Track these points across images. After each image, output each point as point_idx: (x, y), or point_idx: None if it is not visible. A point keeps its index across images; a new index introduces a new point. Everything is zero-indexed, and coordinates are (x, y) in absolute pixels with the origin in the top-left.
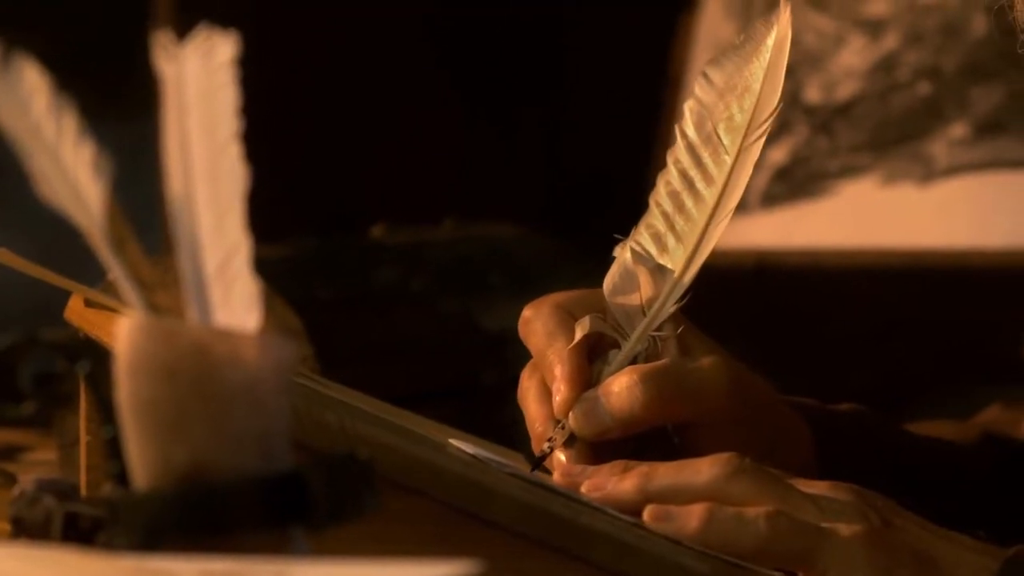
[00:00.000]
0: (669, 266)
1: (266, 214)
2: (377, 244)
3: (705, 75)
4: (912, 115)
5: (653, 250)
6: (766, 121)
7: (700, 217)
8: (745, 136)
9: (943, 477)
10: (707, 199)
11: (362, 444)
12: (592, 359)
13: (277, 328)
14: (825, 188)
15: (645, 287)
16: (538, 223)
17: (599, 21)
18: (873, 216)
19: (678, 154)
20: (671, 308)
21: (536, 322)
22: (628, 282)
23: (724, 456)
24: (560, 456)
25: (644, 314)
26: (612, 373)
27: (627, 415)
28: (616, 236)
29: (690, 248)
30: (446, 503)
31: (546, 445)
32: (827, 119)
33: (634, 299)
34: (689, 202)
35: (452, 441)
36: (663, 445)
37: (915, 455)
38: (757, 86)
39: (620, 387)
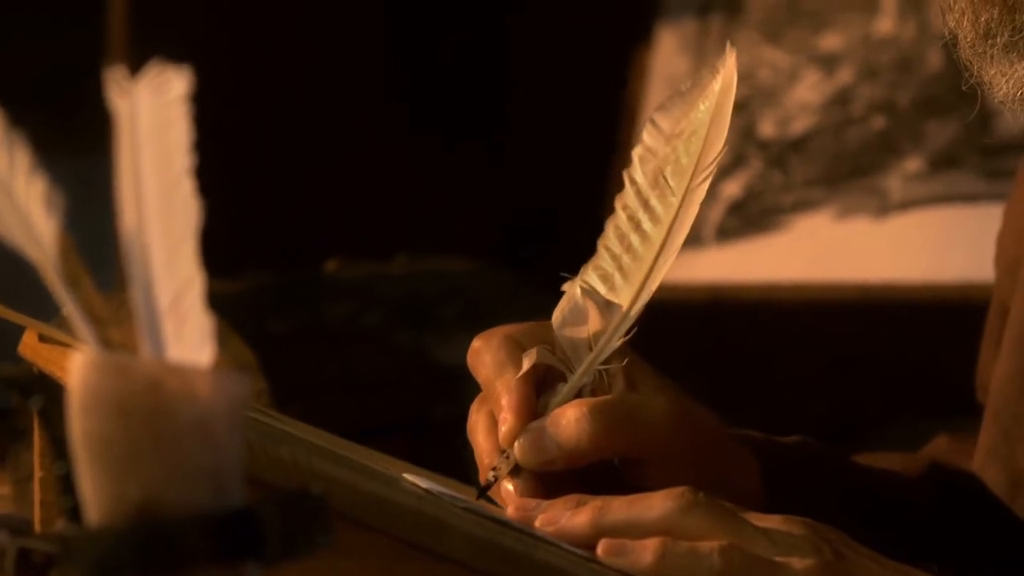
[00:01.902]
0: (616, 301)
1: (220, 249)
2: (330, 279)
3: (653, 121)
4: (866, 149)
5: (601, 288)
6: (712, 163)
7: (647, 255)
8: (692, 178)
9: (891, 508)
10: (654, 238)
11: (315, 479)
12: (540, 392)
13: (230, 363)
14: (779, 222)
15: (592, 321)
16: (491, 257)
17: (553, 57)
18: (827, 250)
19: (626, 199)
20: (618, 342)
21: (485, 354)
22: (576, 316)
23: (678, 490)
24: (507, 486)
25: (591, 348)
26: (558, 405)
27: (573, 446)
28: (564, 275)
29: (637, 285)
30: (399, 538)
31: (491, 474)
32: (781, 153)
33: (582, 332)
34: (636, 242)
35: (406, 475)
36: (609, 478)
37: (863, 487)
38: (703, 130)
39: (567, 418)
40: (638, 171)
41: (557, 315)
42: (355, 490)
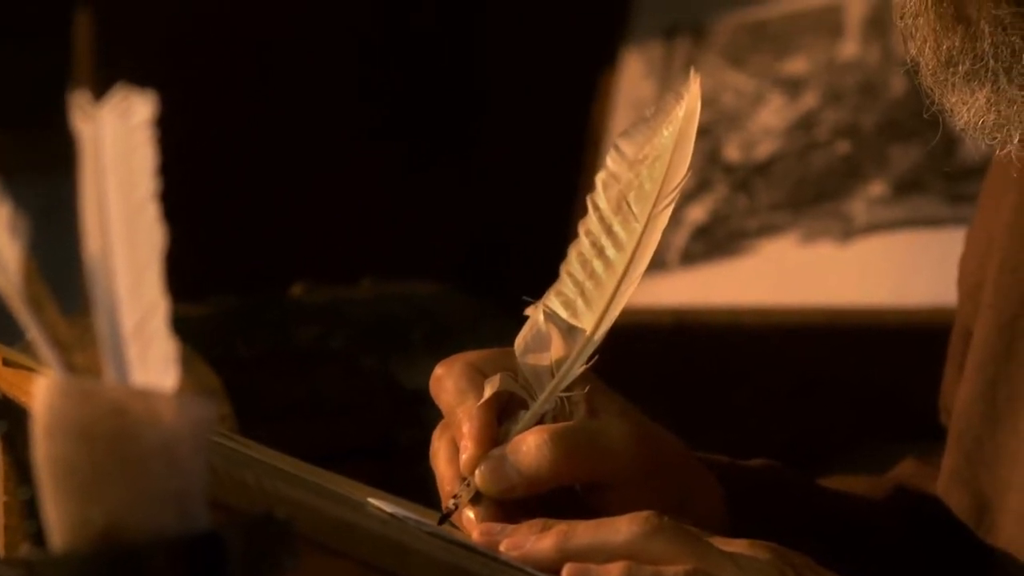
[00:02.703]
0: (580, 327)
1: (185, 273)
2: (296, 303)
3: (617, 147)
4: (831, 173)
5: (564, 313)
6: (675, 189)
7: (609, 282)
8: (655, 204)
9: (856, 533)
10: (616, 264)
11: (280, 503)
12: (502, 419)
13: (195, 387)
14: (744, 246)
15: (555, 348)
16: (457, 281)
17: (519, 80)
18: (792, 274)
19: (589, 225)
20: (580, 369)
21: (447, 380)
22: (538, 342)
23: (643, 514)
24: (469, 514)
25: (553, 374)
26: (520, 432)
27: (533, 473)
28: (526, 299)
29: (599, 311)
30: (365, 562)
31: (451, 501)
32: (746, 177)
33: (544, 359)
34: (599, 268)
35: (371, 500)
36: (571, 504)
37: (828, 510)
38: (667, 155)
39: (528, 445)
40: (601, 196)
41: (520, 341)
42: (320, 514)
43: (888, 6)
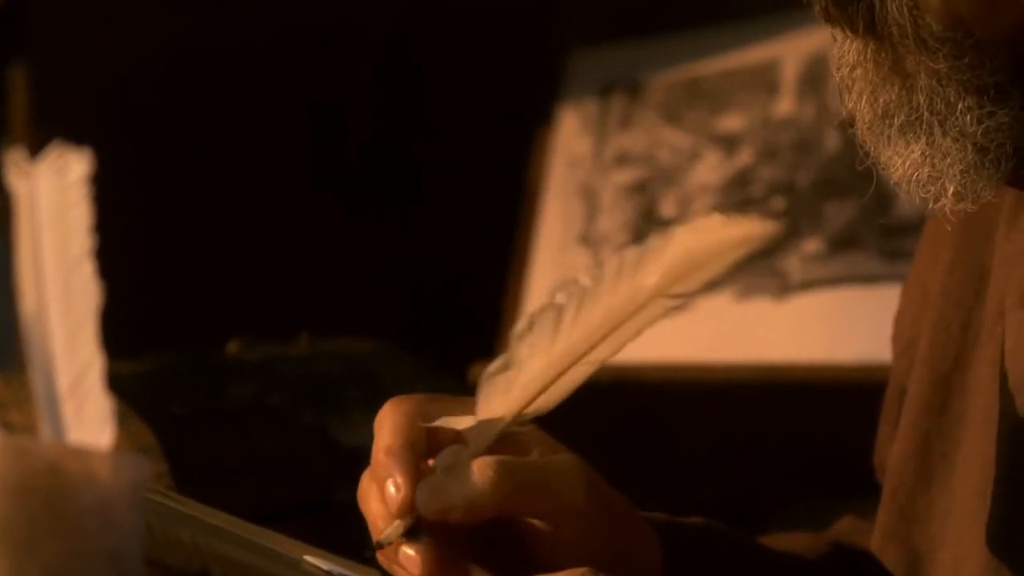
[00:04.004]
0: (524, 394)
1: (120, 330)
2: (233, 360)
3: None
4: None
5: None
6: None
7: (550, 371)
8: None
9: None
10: (569, 349)
11: (216, 561)
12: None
13: (131, 445)
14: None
15: (496, 406)
16: (395, 338)
17: (456, 137)
18: (728, 330)
19: (535, 316)
20: (520, 428)
21: (386, 420)
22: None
23: (579, 571)
24: (406, 550)
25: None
26: (451, 453)
27: (476, 496)
28: (473, 363)
29: (538, 390)
30: None
31: (383, 535)
32: None
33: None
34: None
35: (307, 558)
36: (509, 546)
37: (765, 568)
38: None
39: (474, 466)
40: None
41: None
42: (256, 572)
43: (822, 65)
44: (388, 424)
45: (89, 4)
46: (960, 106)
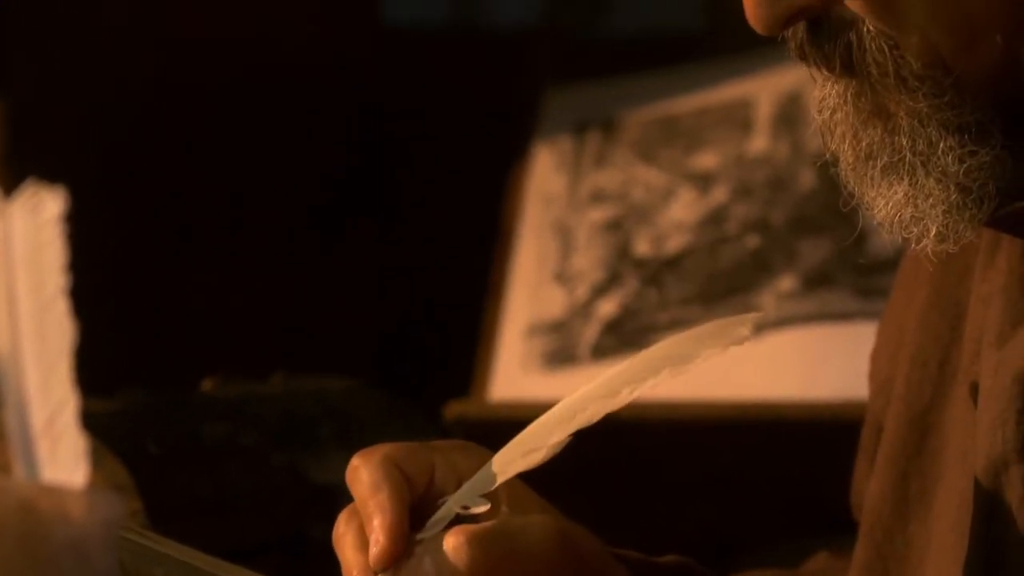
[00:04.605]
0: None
1: (94, 368)
2: (206, 398)
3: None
4: (741, 268)
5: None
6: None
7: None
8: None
9: None
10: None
11: None
12: (417, 515)
13: (105, 483)
14: (655, 341)
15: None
16: (368, 376)
17: (430, 176)
18: (702, 368)
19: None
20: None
21: (363, 471)
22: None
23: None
24: None
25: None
26: (435, 525)
27: (448, 572)
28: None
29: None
30: None
31: None
32: (657, 272)
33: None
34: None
35: None
36: None
37: None
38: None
39: (447, 546)
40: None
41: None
42: None
43: (797, 103)
44: (375, 472)
45: (65, 41)
46: (941, 146)
